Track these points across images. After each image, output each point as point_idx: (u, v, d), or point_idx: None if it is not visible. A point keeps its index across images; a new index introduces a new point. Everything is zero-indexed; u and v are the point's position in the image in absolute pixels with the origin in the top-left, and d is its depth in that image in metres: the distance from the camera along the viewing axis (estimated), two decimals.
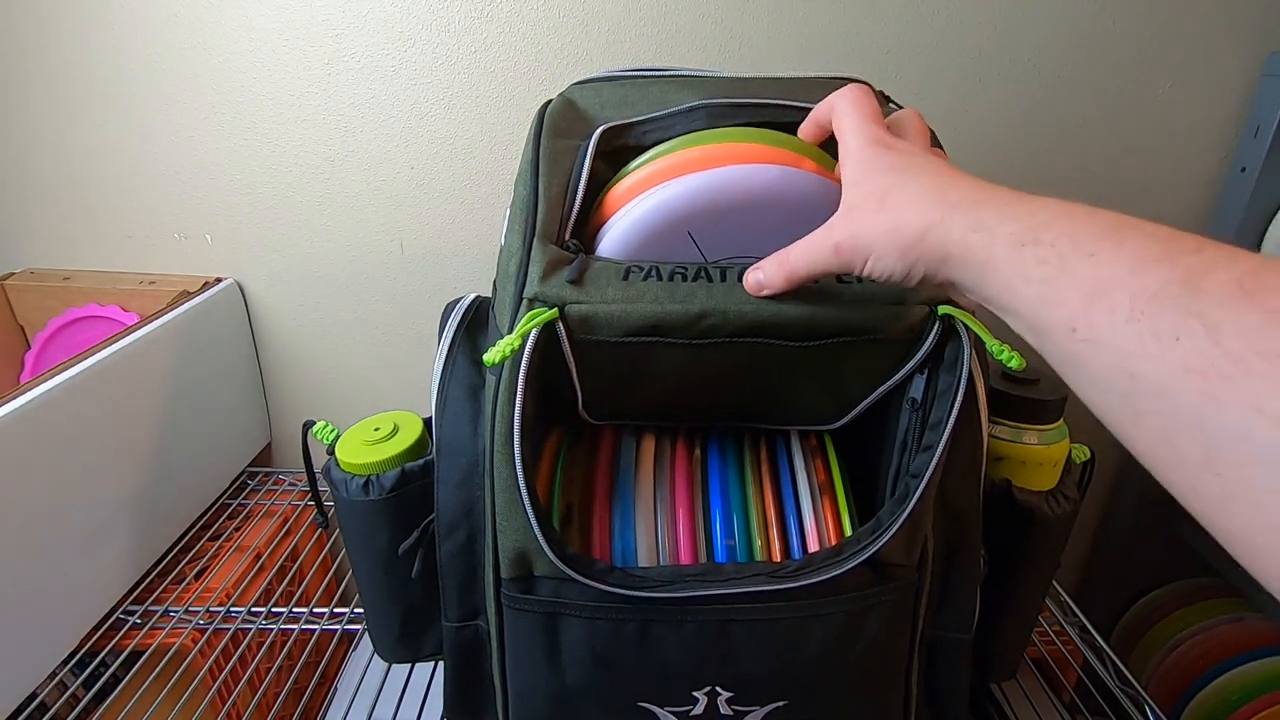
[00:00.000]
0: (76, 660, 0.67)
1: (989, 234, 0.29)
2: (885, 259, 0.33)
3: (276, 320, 0.92)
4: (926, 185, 0.33)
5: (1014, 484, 0.51)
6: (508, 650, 0.44)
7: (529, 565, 0.41)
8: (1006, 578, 0.52)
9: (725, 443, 0.49)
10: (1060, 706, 0.74)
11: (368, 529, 0.49)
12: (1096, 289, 0.24)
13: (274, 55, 0.79)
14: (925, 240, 0.31)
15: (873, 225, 0.34)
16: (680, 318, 0.37)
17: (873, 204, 0.34)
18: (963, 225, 0.30)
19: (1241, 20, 0.77)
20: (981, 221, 0.30)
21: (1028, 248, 0.27)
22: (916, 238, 0.32)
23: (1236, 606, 0.98)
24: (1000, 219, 0.29)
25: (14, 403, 0.58)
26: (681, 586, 0.40)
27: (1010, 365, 0.37)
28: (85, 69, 0.80)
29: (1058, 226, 0.27)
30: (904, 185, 0.33)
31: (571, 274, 0.38)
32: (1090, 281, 0.25)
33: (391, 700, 0.71)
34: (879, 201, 0.34)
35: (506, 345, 0.36)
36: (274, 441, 1.00)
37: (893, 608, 0.43)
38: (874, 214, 0.34)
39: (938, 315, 0.38)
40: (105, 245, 0.88)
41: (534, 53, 0.79)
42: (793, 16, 0.77)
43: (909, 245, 0.32)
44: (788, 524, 0.45)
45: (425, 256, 0.88)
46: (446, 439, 0.46)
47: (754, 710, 0.44)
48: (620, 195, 0.43)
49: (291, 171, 0.84)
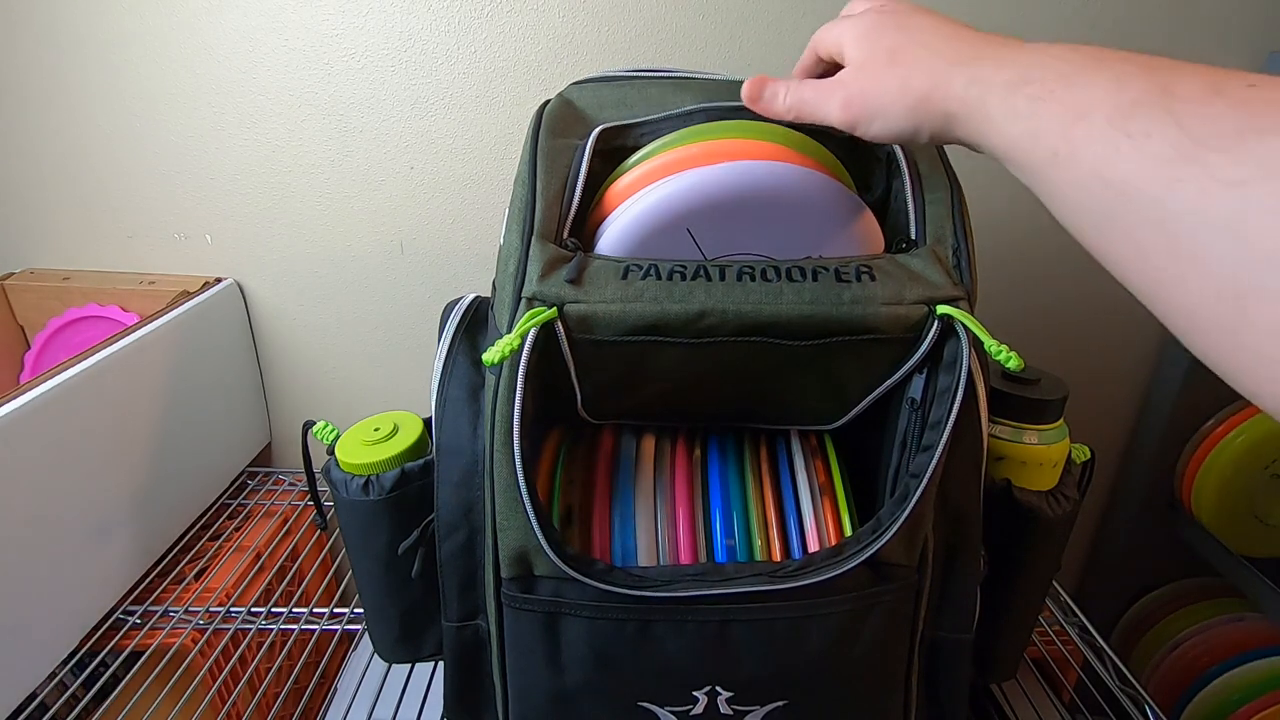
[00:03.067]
0: (76, 660, 0.67)
1: (985, 86, 0.31)
2: (894, 118, 0.35)
3: (276, 320, 0.92)
4: (930, 44, 0.34)
5: (1014, 484, 0.51)
6: (508, 650, 0.44)
7: (529, 565, 0.41)
8: (1007, 578, 0.52)
9: (725, 442, 0.49)
10: (1060, 706, 0.74)
11: (368, 529, 0.49)
12: (1078, 111, 0.26)
13: (274, 55, 0.79)
14: (931, 99, 0.33)
15: (882, 84, 0.35)
16: (679, 317, 0.37)
17: (881, 61, 0.35)
18: (963, 80, 0.32)
19: (1241, 20, 0.77)
20: (979, 75, 0.31)
21: (1018, 89, 0.29)
22: (923, 96, 0.33)
23: (1236, 606, 0.98)
24: (996, 68, 0.30)
25: (14, 403, 0.58)
26: (681, 586, 0.40)
27: (1008, 365, 0.37)
28: (85, 69, 0.80)
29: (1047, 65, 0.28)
30: (909, 44, 0.34)
31: (570, 273, 0.38)
32: (1072, 105, 0.27)
33: (391, 700, 0.71)
34: (888, 58, 0.35)
35: (505, 345, 0.36)
36: (274, 441, 1.00)
37: (893, 608, 0.43)
38: (883, 71, 0.35)
39: (936, 315, 0.38)
40: (105, 245, 0.88)
41: (534, 53, 0.79)
42: (793, 17, 0.77)
43: (916, 103, 0.33)
44: (788, 524, 0.45)
45: (425, 256, 0.88)
46: (446, 439, 0.46)
47: (754, 710, 0.44)
48: (619, 192, 0.43)
49: (291, 171, 0.84)
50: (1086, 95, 0.26)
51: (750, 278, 0.38)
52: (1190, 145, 0.22)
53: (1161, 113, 0.24)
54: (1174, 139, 0.23)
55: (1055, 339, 0.91)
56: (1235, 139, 0.21)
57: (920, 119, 0.34)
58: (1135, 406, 0.97)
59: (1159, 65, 0.25)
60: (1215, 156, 0.22)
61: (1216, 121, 0.22)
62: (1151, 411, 0.94)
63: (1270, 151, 0.21)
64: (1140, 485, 0.97)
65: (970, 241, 0.41)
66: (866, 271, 0.39)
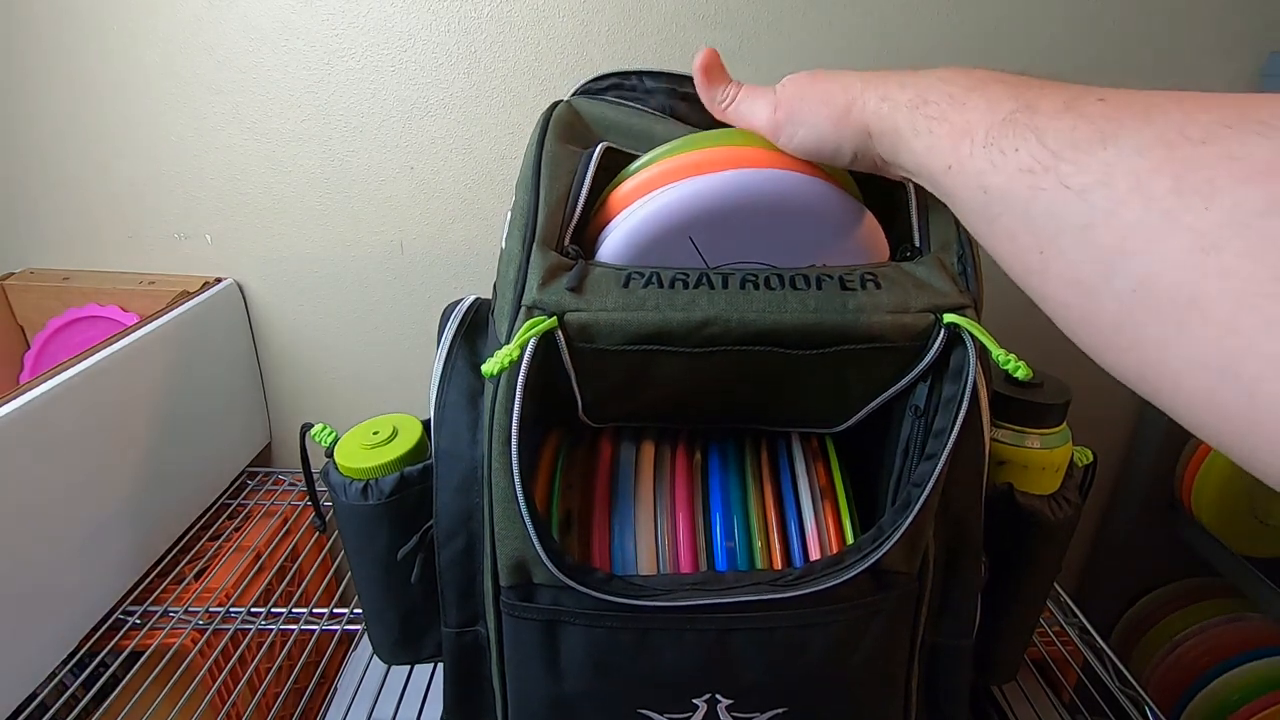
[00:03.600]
0: (76, 660, 0.67)
1: (893, 105, 0.34)
2: (818, 128, 0.37)
3: (276, 320, 0.92)
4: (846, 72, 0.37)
5: (1016, 488, 0.51)
6: (507, 657, 0.44)
7: (528, 573, 0.41)
8: (1008, 582, 0.52)
9: (726, 446, 0.49)
10: (1060, 707, 0.74)
11: (367, 533, 0.49)
12: (963, 130, 0.30)
13: (274, 55, 0.78)
14: (851, 114, 0.36)
15: (806, 94, 0.38)
16: (682, 326, 0.37)
17: (805, 79, 0.39)
18: (875, 98, 0.35)
19: (1241, 20, 0.77)
20: (887, 93, 0.34)
21: (919, 109, 0.32)
22: (844, 109, 0.36)
23: (1236, 606, 0.98)
24: (900, 88, 0.34)
25: (14, 403, 0.58)
26: (681, 595, 0.39)
27: (1016, 375, 0.37)
28: (85, 69, 0.79)
29: (940, 88, 0.32)
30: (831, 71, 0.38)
31: (571, 281, 0.38)
32: (960, 125, 0.30)
33: (391, 700, 0.71)
34: (810, 78, 0.39)
35: (505, 356, 0.36)
36: (274, 442, 1.00)
37: (893, 615, 0.43)
38: (807, 86, 0.38)
39: (943, 324, 0.38)
40: (105, 245, 0.88)
41: (534, 53, 0.78)
42: (794, 18, 0.77)
43: (839, 116, 0.36)
44: (789, 528, 0.45)
45: (425, 256, 0.88)
46: (445, 445, 0.46)
47: (754, 717, 0.43)
48: (621, 199, 0.43)
49: (291, 171, 0.84)
50: (970, 116, 0.30)
51: (754, 286, 0.38)
52: (1048, 156, 0.25)
53: (1025, 129, 0.27)
54: (1035, 151, 0.26)
55: (1057, 340, 0.90)
56: (1084, 149, 0.24)
57: (843, 133, 0.36)
58: (1135, 407, 0.97)
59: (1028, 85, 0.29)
60: (1066, 166, 0.25)
61: (1068, 134, 0.25)
62: (1152, 412, 0.94)
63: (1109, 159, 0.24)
64: (1140, 486, 0.97)
65: (975, 248, 0.41)
66: (871, 279, 0.39)
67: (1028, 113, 0.27)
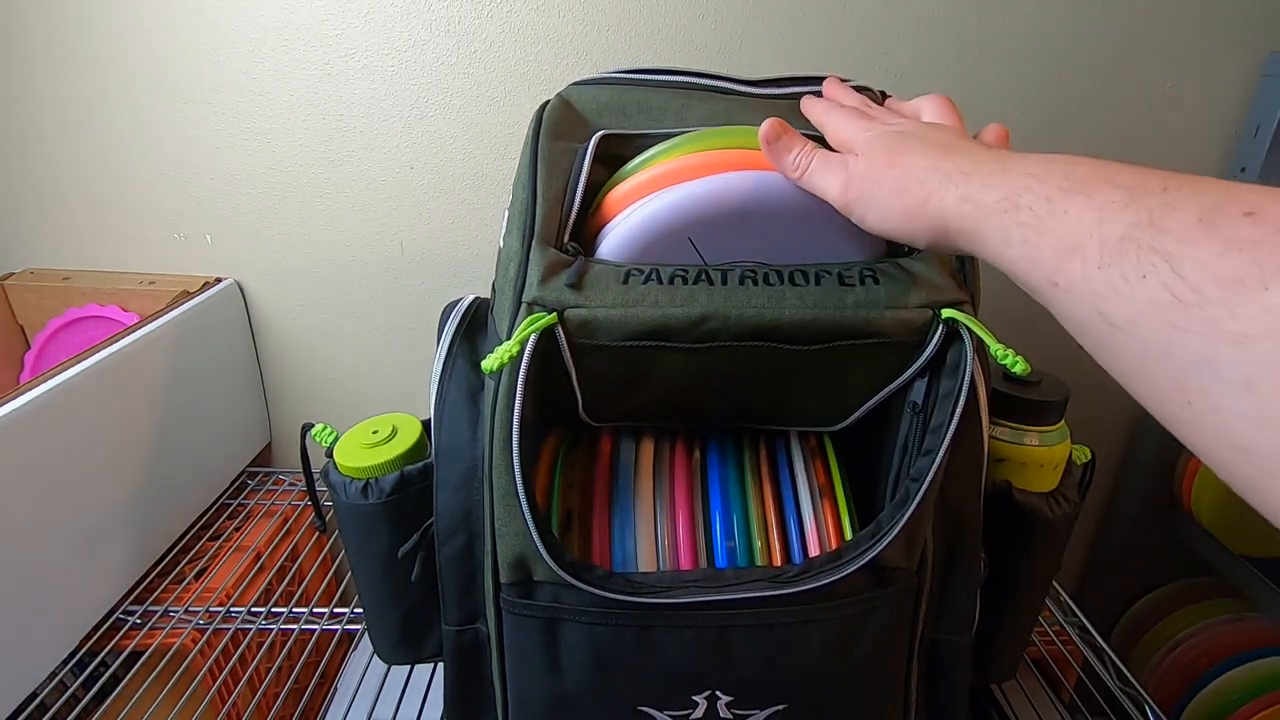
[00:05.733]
0: (76, 660, 0.67)
1: (976, 205, 0.30)
2: (889, 217, 0.35)
3: (276, 320, 0.92)
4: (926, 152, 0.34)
5: (1014, 485, 0.51)
6: (507, 654, 0.44)
7: (528, 570, 0.41)
8: (1007, 580, 0.52)
9: (725, 445, 0.49)
10: (1060, 706, 0.74)
11: (367, 532, 0.49)
12: (1070, 244, 0.26)
13: (274, 55, 0.79)
14: (926, 209, 0.33)
15: (880, 179, 0.35)
16: (681, 321, 0.37)
17: (882, 159, 0.35)
18: (955, 197, 0.32)
19: (1241, 20, 0.77)
20: (970, 193, 0.31)
21: (1008, 214, 0.29)
22: (918, 204, 0.33)
23: (1236, 606, 0.98)
24: (985, 188, 0.30)
25: (14, 403, 0.58)
26: (681, 592, 0.39)
27: (1014, 370, 0.37)
28: (85, 69, 0.79)
29: (1034, 190, 0.28)
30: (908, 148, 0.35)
31: (571, 277, 0.38)
32: (1064, 238, 0.26)
33: (391, 700, 0.71)
34: (888, 157, 0.35)
35: (505, 352, 0.36)
36: (274, 442, 1.00)
37: (892, 611, 0.43)
38: (883, 168, 0.35)
39: (941, 319, 0.38)
40: (105, 245, 0.88)
41: (534, 53, 0.78)
42: (794, 18, 0.77)
43: (911, 209, 0.33)
44: (788, 526, 0.45)
45: (425, 256, 0.88)
46: (445, 443, 0.46)
47: (754, 714, 0.44)
48: (620, 198, 0.43)
49: (291, 171, 0.84)
50: (1075, 227, 0.26)
51: (752, 282, 0.38)
52: (1188, 291, 0.21)
53: (1151, 253, 0.23)
54: (1169, 282, 0.22)
55: (1056, 338, 0.90)
56: (1238, 289, 0.20)
57: (916, 226, 0.34)
58: (1135, 406, 0.96)
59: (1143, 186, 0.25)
60: (1216, 308, 0.20)
61: (1212, 265, 0.21)
62: None
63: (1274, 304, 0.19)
64: (1140, 485, 0.97)
65: None
66: (870, 275, 0.39)
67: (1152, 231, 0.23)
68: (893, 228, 0.35)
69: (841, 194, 0.37)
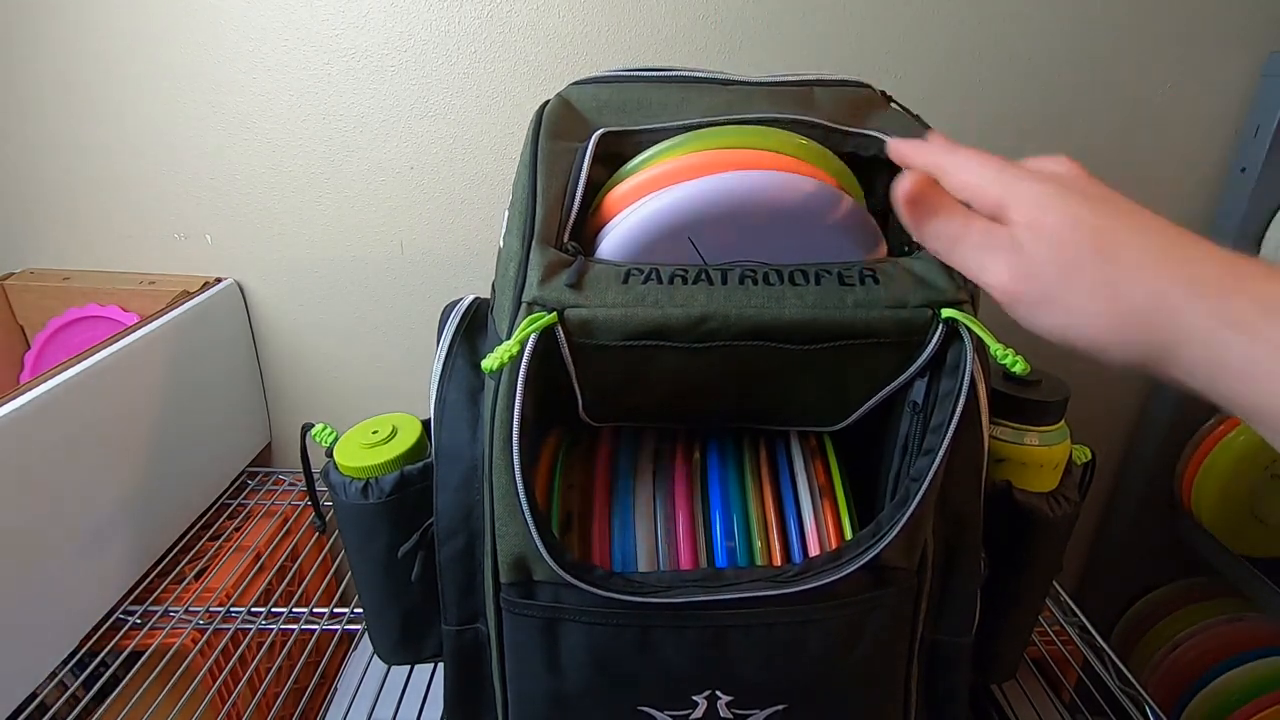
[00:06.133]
0: (76, 660, 0.67)
1: (1250, 335, 0.22)
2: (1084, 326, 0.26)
3: (276, 320, 0.92)
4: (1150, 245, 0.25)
5: (1014, 485, 0.51)
6: (507, 654, 0.44)
7: (528, 570, 0.41)
8: (1007, 580, 0.52)
9: (725, 445, 0.49)
10: (1060, 706, 0.74)
11: (367, 532, 0.49)
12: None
13: (274, 55, 0.79)
14: (1152, 323, 0.24)
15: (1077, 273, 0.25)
16: (681, 321, 0.37)
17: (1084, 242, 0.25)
18: (1210, 316, 0.23)
19: (1241, 20, 0.77)
20: (1239, 316, 0.23)
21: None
22: (1141, 317, 0.24)
23: (1236, 606, 0.98)
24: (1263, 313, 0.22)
25: (14, 403, 0.58)
26: (681, 592, 0.39)
27: (1014, 370, 0.37)
28: (85, 70, 0.79)
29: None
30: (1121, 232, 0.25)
31: (570, 277, 0.38)
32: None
33: (391, 700, 0.71)
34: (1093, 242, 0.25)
35: (505, 352, 0.36)
36: (274, 441, 1.00)
37: (892, 611, 0.43)
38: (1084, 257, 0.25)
39: (941, 318, 0.38)
40: (105, 245, 0.88)
41: (534, 53, 0.78)
42: (794, 18, 0.77)
43: (1127, 320, 0.24)
44: (788, 526, 0.45)
45: (425, 256, 0.88)
46: (445, 443, 0.46)
47: (754, 714, 0.44)
48: (620, 198, 0.43)
49: (291, 172, 0.84)
50: None
51: (752, 281, 0.38)
52: None
53: None
54: None
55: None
56: None
57: (1126, 344, 0.25)
58: (1135, 406, 0.97)
59: None
60: None
61: None
62: (1152, 411, 0.94)
63: None
64: (1140, 485, 0.97)
65: None
66: (870, 275, 0.39)
67: None
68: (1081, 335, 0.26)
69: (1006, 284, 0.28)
